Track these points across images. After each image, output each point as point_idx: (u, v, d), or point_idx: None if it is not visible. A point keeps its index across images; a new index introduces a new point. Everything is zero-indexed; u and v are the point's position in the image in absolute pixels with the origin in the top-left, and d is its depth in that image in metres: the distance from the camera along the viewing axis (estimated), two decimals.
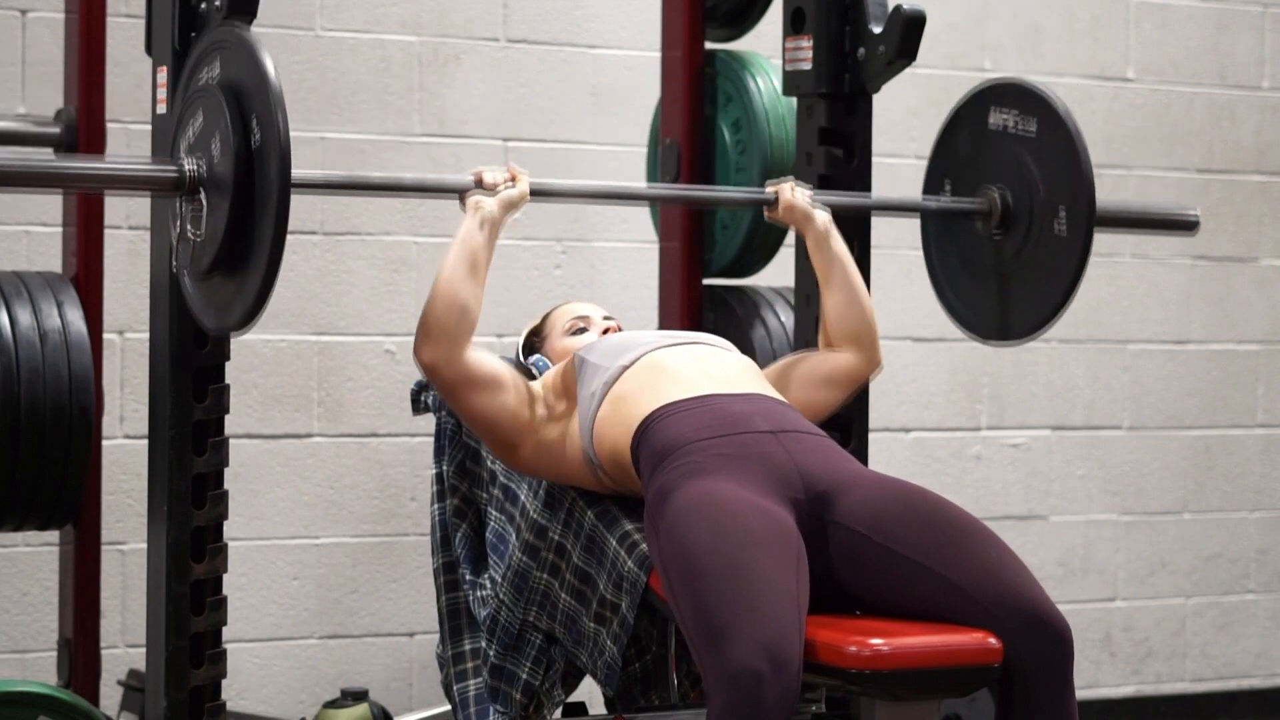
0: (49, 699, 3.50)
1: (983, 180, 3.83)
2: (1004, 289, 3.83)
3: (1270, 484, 5.88)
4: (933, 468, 5.46)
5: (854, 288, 3.58)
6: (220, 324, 3.23)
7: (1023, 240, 3.79)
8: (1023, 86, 3.82)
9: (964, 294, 3.91)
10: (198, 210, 3.17)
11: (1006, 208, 3.80)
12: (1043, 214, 3.76)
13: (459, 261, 3.33)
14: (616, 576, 3.32)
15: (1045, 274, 3.76)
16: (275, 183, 3.05)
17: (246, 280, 3.11)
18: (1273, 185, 5.88)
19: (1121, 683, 5.70)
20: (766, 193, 3.61)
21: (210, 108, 3.16)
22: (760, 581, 2.90)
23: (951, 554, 3.02)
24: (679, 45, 4.44)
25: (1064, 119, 3.75)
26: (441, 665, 3.63)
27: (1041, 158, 3.77)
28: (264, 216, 3.07)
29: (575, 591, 3.42)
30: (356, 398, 4.90)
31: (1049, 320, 3.78)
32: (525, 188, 3.42)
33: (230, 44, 3.16)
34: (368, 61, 4.91)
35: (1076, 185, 3.72)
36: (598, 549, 3.37)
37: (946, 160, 3.91)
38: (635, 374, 3.32)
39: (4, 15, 4.62)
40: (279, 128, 3.04)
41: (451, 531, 3.62)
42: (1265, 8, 5.86)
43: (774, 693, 2.80)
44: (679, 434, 3.17)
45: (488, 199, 3.39)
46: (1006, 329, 3.86)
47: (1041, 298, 3.77)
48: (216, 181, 3.14)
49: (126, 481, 4.66)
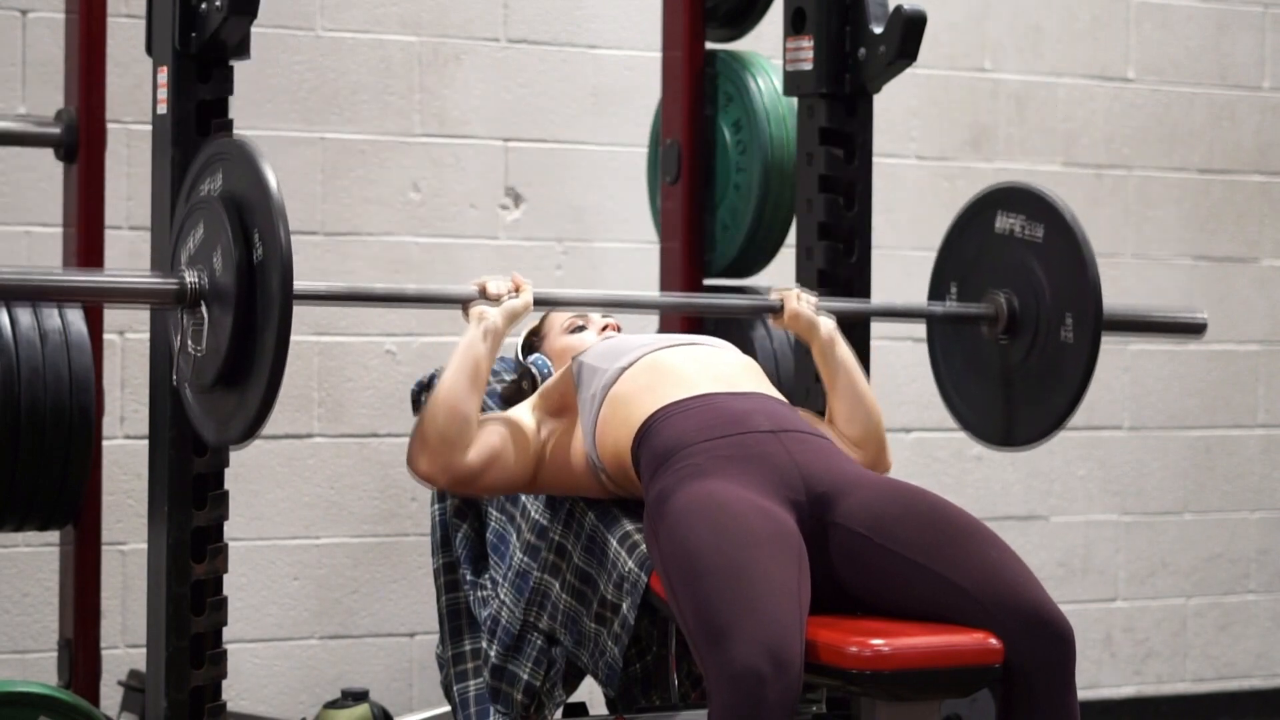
0: (49, 699, 3.50)
1: (989, 284, 3.81)
2: (1010, 394, 3.79)
3: (1270, 484, 5.88)
4: (933, 468, 5.46)
5: (859, 395, 3.51)
6: (221, 437, 3.20)
7: (1029, 346, 3.76)
8: (1030, 192, 3.80)
9: (969, 397, 3.88)
10: (199, 323, 3.15)
11: (1013, 313, 3.77)
12: (1049, 320, 3.72)
13: (461, 373, 3.30)
14: (617, 577, 3.31)
15: (1051, 380, 3.72)
16: (277, 297, 3.02)
17: (248, 393, 3.08)
18: (1273, 185, 5.88)
19: (1122, 683, 5.70)
20: (771, 300, 3.58)
21: (211, 220, 3.13)
22: (761, 582, 2.90)
23: (952, 554, 3.02)
24: (679, 45, 4.44)
25: (1071, 226, 3.71)
26: (441, 665, 3.63)
27: (1049, 263, 3.73)
28: (265, 330, 3.04)
29: (576, 592, 3.42)
30: (357, 398, 4.90)
31: (1055, 428, 3.75)
32: (529, 298, 3.40)
33: (231, 156, 3.15)
34: (368, 61, 4.91)
35: (1083, 293, 3.68)
36: (598, 549, 3.37)
37: (953, 262, 3.88)
38: (634, 375, 3.32)
39: (4, 15, 4.61)
40: (281, 241, 3.01)
41: (452, 532, 3.62)
42: (1265, 8, 5.86)
43: (775, 693, 2.80)
44: (679, 435, 3.17)
45: (491, 309, 3.36)
46: (1011, 435, 3.82)
47: (1047, 404, 3.73)
48: (218, 294, 3.12)
49: (126, 481, 4.66)
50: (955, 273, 3.87)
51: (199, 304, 3.15)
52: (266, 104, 4.79)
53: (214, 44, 3.56)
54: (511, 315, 3.37)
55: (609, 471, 3.33)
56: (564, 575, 3.44)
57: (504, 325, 3.35)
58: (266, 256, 3.05)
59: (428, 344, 4.94)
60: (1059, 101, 5.61)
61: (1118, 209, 5.69)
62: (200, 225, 3.17)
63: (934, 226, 5.45)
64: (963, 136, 5.51)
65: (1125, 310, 4.03)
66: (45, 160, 4.31)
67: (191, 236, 3.20)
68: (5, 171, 4.60)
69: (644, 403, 3.26)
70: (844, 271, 3.96)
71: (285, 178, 4.81)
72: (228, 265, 3.09)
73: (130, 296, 3.37)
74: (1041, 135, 5.59)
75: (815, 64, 3.96)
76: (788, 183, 4.31)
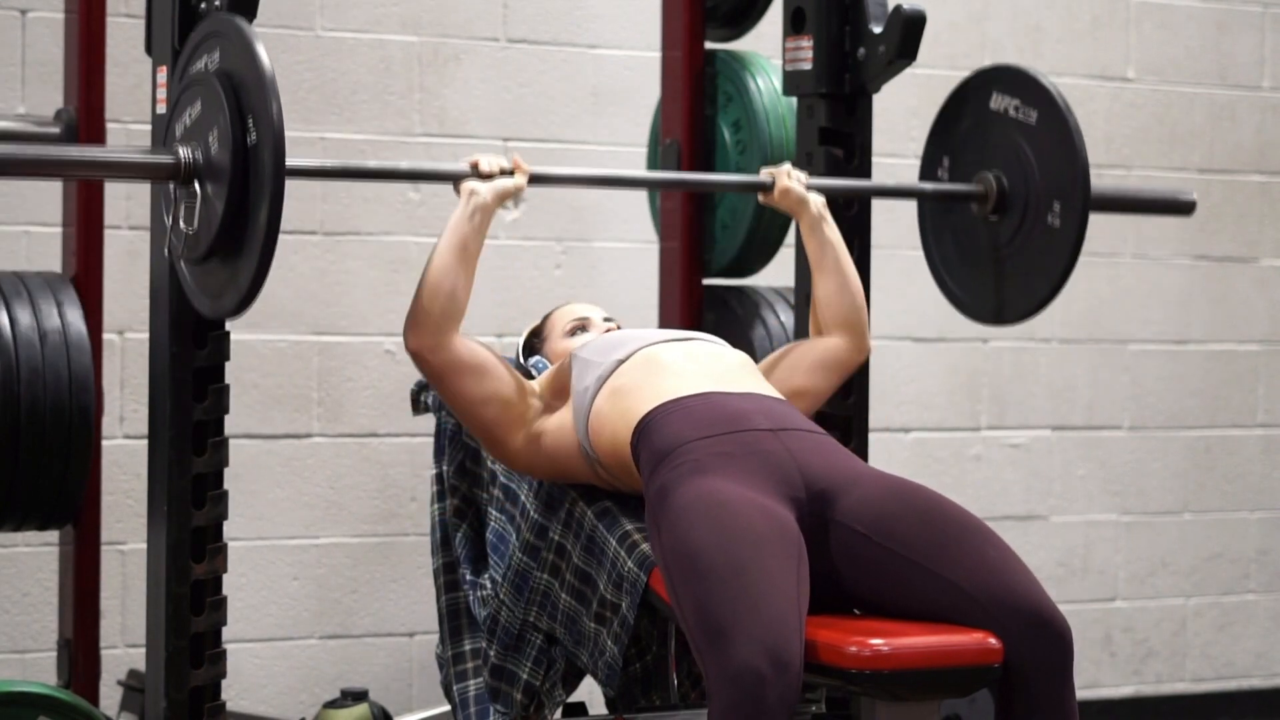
0: (49, 699, 3.50)
1: (980, 163, 3.86)
2: (999, 273, 3.87)
3: (1270, 484, 5.88)
4: (933, 468, 5.46)
5: (845, 273, 3.60)
6: (215, 309, 3.27)
7: (1017, 226, 3.83)
8: (1027, 74, 3.85)
9: (960, 277, 3.94)
10: (193, 198, 3.21)
11: (1003, 192, 3.83)
12: (1037, 204, 3.79)
13: (448, 248, 3.36)
14: (617, 577, 3.31)
15: (1039, 262, 3.80)
16: (270, 170, 3.09)
17: (241, 266, 3.15)
18: (1273, 185, 5.88)
19: (1122, 683, 5.70)
20: (762, 178, 3.64)
21: (207, 97, 3.19)
22: (762, 581, 2.90)
23: (951, 553, 3.02)
24: (679, 45, 4.44)
25: (1064, 113, 3.78)
26: (441, 665, 3.63)
27: (1040, 147, 3.80)
28: (259, 204, 3.11)
29: (575, 591, 3.42)
30: (356, 398, 4.90)
31: (1040, 307, 3.84)
32: (523, 180, 3.45)
33: (227, 34, 3.20)
34: (368, 61, 4.91)
35: (1072, 178, 3.75)
36: (598, 549, 3.37)
37: (945, 139, 3.95)
38: (631, 368, 3.32)
39: (4, 15, 4.61)
40: (274, 117, 3.08)
41: (451, 532, 3.62)
42: (1265, 8, 5.86)
43: (775, 693, 2.80)
44: (679, 432, 3.17)
45: (482, 186, 3.40)
46: (1002, 313, 3.91)
47: (1034, 285, 3.82)
48: (212, 170, 3.18)
49: (126, 481, 4.66)
50: (947, 148, 3.92)
51: (193, 179, 3.21)
52: None
53: None
54: (502, 194, 3.42)
55: (604, 463, 3.32)
56: (564, 575, 3.44)
57: (494, 203, 3.41)
58: (259, 132, 3.11)
59: None
60: None
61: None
62: (196, 102, 3.22)
63: None
64: None
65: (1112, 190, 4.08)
66: None
67: (188, 112, 3.25)
68: None
69: (642, 397, 3.26)
70: None
71: None
72: (222, 142, 3.15)
73: (124, 170, 3.43)
74: None
75: (815, 64, 3.97)
76: None
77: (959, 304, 3.95)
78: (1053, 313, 5.59)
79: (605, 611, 3.36)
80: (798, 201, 3.63)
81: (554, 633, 3.48)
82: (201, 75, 3.22)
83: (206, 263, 3.23)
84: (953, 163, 3.91)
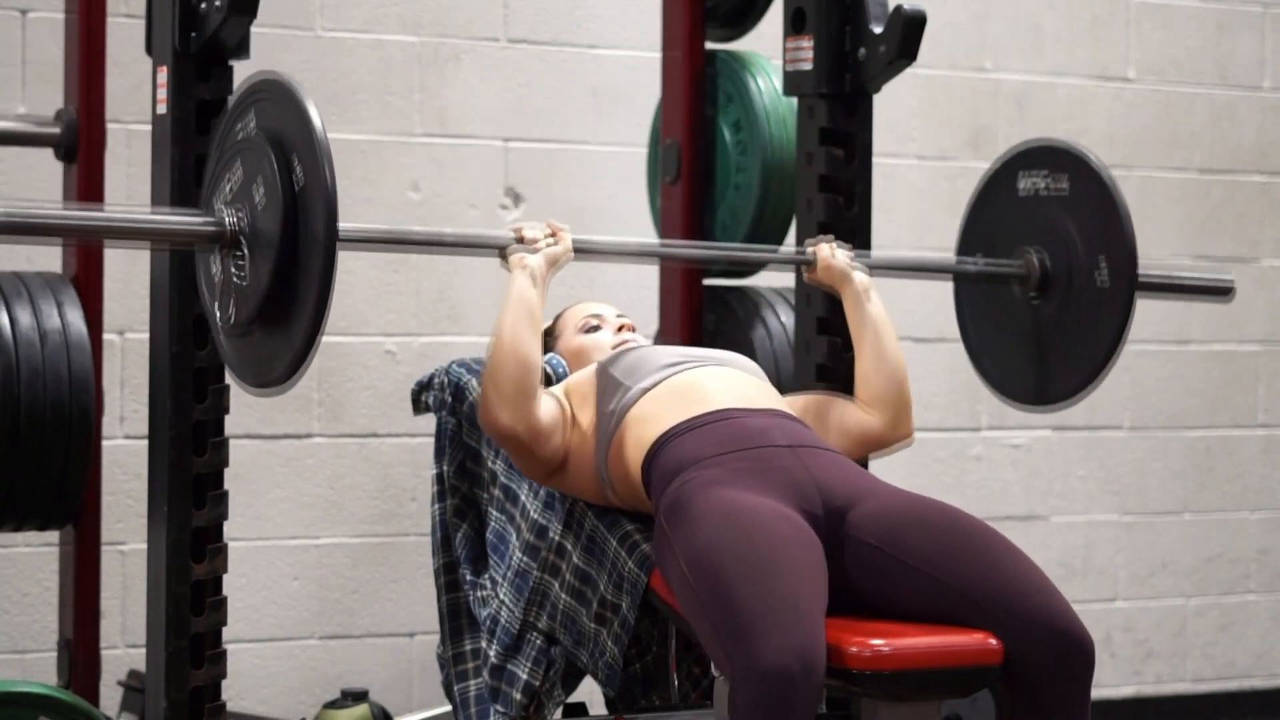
0: (49, 699, 3.50)
1: (1017, 245, 3.80)
2: (1042, 352, 3.77)
3: (1270, 484, 5.88)
4: (933, 468, 5.46)
5: (885, 352, 3.51)
6: (262, 380, 3.13)
7: (1063, 300, 3.74)
8: (1052, 146, 3.79)
9: (1001, 360, 3.85)
10: (240, 264, 3.09)
11: (1045, 270, 3.76)
12: (1083, 269, 3.71)
13: (518, 320, 3.27)
14: (617, 577, 3.31)
15: (1087, 331, 3.70)
16: (321, 232, 2.96)
17: (290, 334, 3.04)
18: (1273, 185, 5.88)
19: (1122, 683, 5.70)
20: (806, 253, 3.59)
21: (250, 158, 3.07)
22: (792, 580, 2.90)
23: (965, 565, 3.01)
24: (679, 45, 4.44)
25: (1098, 171, 3.71)
26: (442, 665, 3.63)
27: (1077, 213, 3.72)
28: (308, 267, 2.98)
29: (575, 592, 3.42)
30: (356, 398, 4.90)
31: (1094, 378, 3.73)
32: (569, 244, 3.39)
33: (270, 93, 3.09)
34: (368, 61, 4.91)
35: (1116, 235, 3.67)
36: (598, 549, 3.37)
37: (977, 232, 3.87)
38: (655, 397, 3.31)
39: (4, 15, 4.61)
40: (325, 175, 2.96)
41: (452, 532, 3.62)
42: (1265, 8, 5.86)
43: (803, 694, 2.80)
44: (694, 451, 3.17)
45: (531, 256, 3.34)
46: (1045, 393, 3.80)
47: (1084, 355, 3.72)
48: (258, 233, 3.05)
49: (126, 481, 4.66)
50: (981, 242, 3.86)
51: (239, 243, 3.08)
52: None
53: (214, 44, 3.56)
54: (553, 260, 3.36)
55: (616, 487, 3.33)
56: (563, 575, 3.44)
57: (547, 270, 3.34)
58: (309, 188, 2.98)
59: (427, 344, 4.94)
60: (1059, 101, 5.61)
61: None
62: (238, 165, 3.10)
63: (934, 226, 5.47)
64: (963, 136, 5.51)
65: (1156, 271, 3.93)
66: (45, 160, 4.31)
67: (227, 179, 3.13)
68: (5, 171, 4.60)
69: (659, 422, 3.27)
70: None
71: None
72: (271, 200, 3.01)
73: (168, 237, 3.25)
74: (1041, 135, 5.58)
75: (815, 64, 3.96)
76: (788, 183, 4.31)
77: (998, 387, 3.83)
78: None
79: (605, 612, 3.36)
80: (840, 276, 3.55)
81: (554, 633, 3.48)
82: (243, 139, 3.11)
83: (250, 333, 3.11)
84: (989, 253, 3.83)
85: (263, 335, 3.11)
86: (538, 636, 3.49)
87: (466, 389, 3.58)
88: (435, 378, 3.63)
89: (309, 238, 2.98)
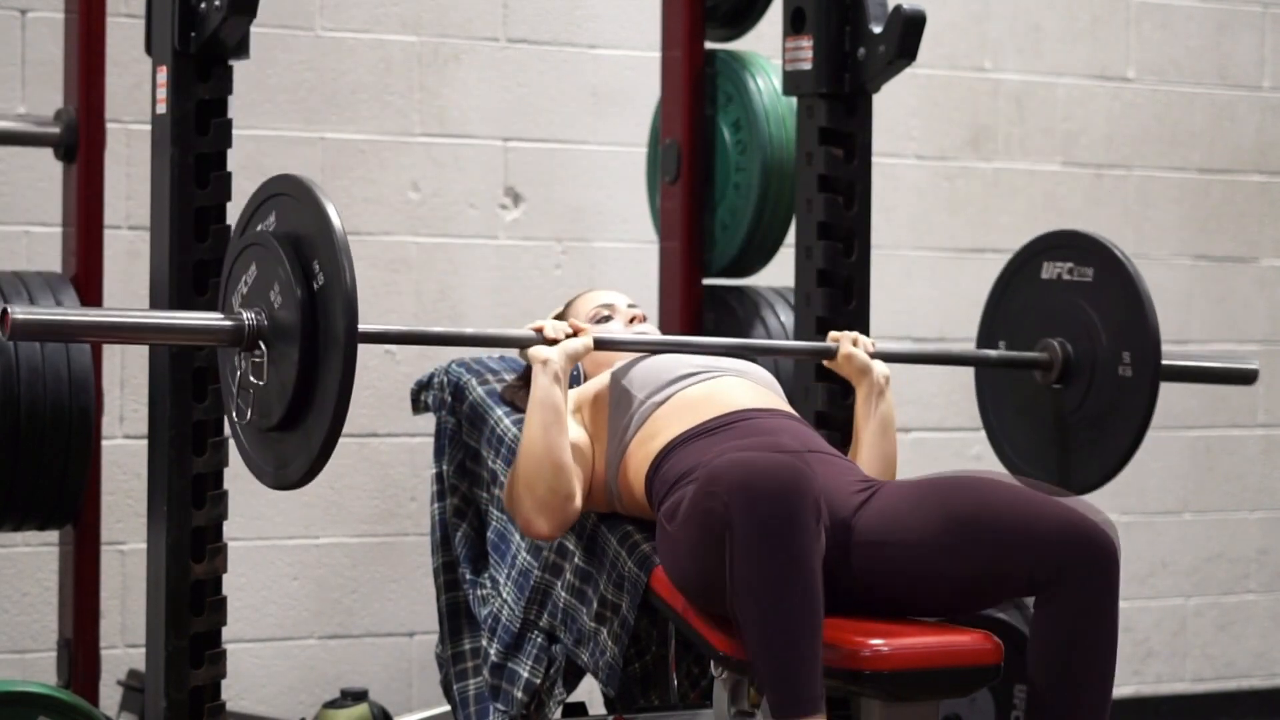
0: (49, 699, 3.50)
1: (1040, 332, 3.80)
2: (1064, 441, 3.75)
3: (1270, 484, 5.88)
4: (933, 468, 5.45)
5: (886, 448, 3.53)
6: (279, 480, 3.11)
7: (1086, 389, 3.72)
8: (1075, 234, 3.79)
9: (1020, 447, 3.85)
10: (257, 364, 3.05)
11: (1068, 358, 3.76)
12: (1106, 360, 3.69)
13: (545, 423, 3.28)
14: (617, 576, 3.32)
15: (1111, 420, 3.68)
16: (341, 331, 2.91)
17: (309, 434, 3.01)
18: (1273, 185, 5.88)
19: (1122, 683, 5.70)
20: (829, 345, 3.58)
21: (266, 258, 3.03)
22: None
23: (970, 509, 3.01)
24: (679, 45, 4.44)
25: (1123, 262, 3.70)
26: (441, 665, 3.63)
27: (1101, 303, 3.70)
28: (328, 366, 2.94)
29: (576, 590, 3.42)
30: (356, 398, 4.86)
31: (1116, 469, 3.72)
32: (589, 340, 3.38)
33: (287, 192, 3.05)
34: (368, 61, 4.91)
35: (1140, 328, 3.66)
36: (599, 549, 3.37)
37: (999, 318, 3.88)
38: (665, 414, 3.32)
39: (4, 15, 4.61)
40: (344, 274, 2.90)
41: (451, 531, 3.62)
42: (1265, 8, 5.86)
43: (801, 500, 2.82)
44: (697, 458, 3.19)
45: (552, 353, 3.33)
46: (1068, 481, 3.78)
47: (1108, 444, 3.71)
48: (277, 332, 3.01)
49: (126, 481, 4.66)
50: (1003, 329, 3.85)
51: (257, 344, 3.05)
52: (266, 104, 4.79)
53: (214, 44, 3.57)
54: (573, 357, 3.35)
55: (623, 499, 3.35)
56: (565, 574, 3.44)
57: (567, 366, 3.33)
58: (329, 287, 2.94)
59: None
60: (1059, 101, 5.61)
61: (1117, 209, 5.69)
62: (252, 265, 3.07)
63: (934, 226, 5.47)
64: (962, 136, 5.51)
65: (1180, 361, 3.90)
66: (45, 160, 4.31)
67: (243, 278, 3.10)
68: (5, 171, 4.60)
69: (667, 432, 3.28)
70: (843, 271, 3.96)
71: None
72: (287, 300, 2.98)
73: (185, 335, 3.19)
74: (1041, 135, 5.59)
75: (815, 64, 3.96)
76: (787, 183, 4.31)
77: (1019, 472, 3.81)
78: None
79: (605, 611, 3.36)
80: (859, 370, 3.55)
81: (555, 631, 3.48)
82: (259, 237, 3.06)
83: (270, 432, 3.07)
84: (1011, 340, 3.83)
85: (280, 435, 3.07)
86: (539, 635, 3.49)
87: (466, 388, 3.58)
88: (435, 377, 3.63)
89: (329, 337, 2.95)
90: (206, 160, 3.62)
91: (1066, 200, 5.62)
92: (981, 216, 5.51)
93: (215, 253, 3.59)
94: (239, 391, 3.11)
